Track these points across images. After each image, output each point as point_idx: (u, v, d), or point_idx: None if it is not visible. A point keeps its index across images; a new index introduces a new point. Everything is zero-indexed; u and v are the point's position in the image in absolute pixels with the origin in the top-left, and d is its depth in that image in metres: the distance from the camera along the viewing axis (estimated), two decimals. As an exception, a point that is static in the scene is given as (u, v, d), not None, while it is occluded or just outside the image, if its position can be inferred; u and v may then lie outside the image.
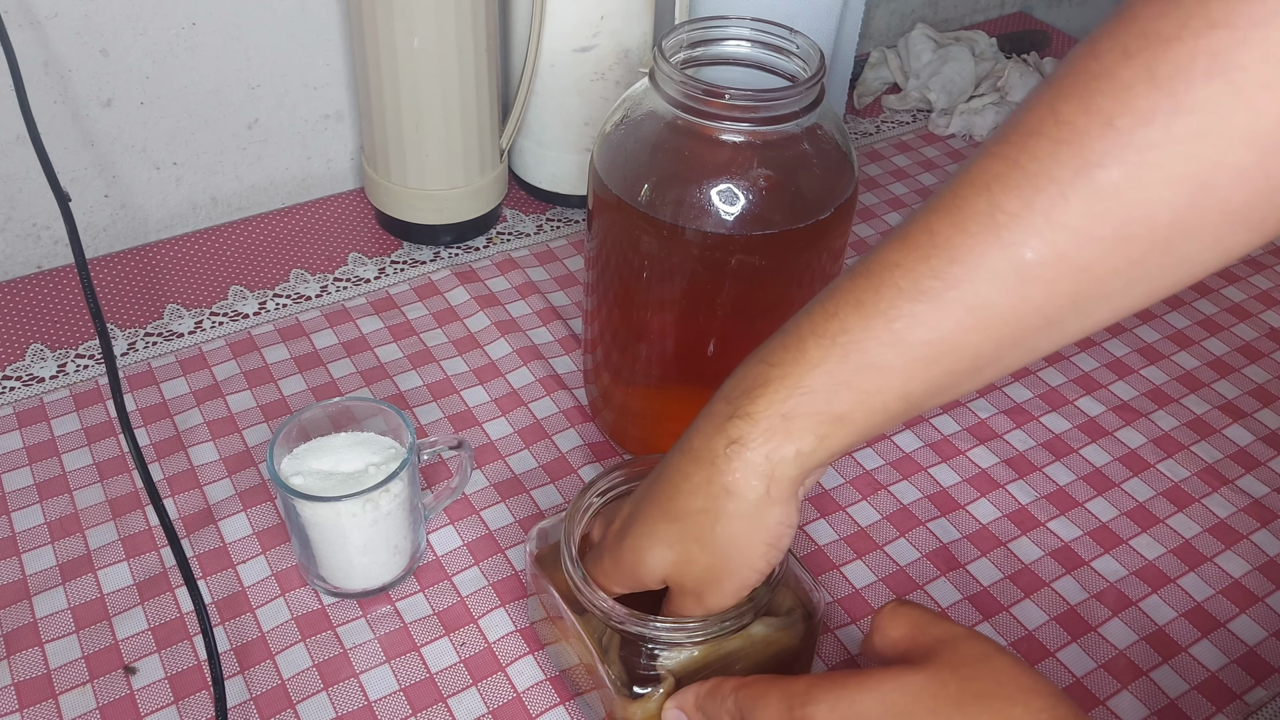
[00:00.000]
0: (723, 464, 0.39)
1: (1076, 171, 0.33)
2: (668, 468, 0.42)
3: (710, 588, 0.42)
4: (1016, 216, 0.34)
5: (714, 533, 0.41)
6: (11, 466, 0.62)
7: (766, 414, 0.38)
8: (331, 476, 0.53)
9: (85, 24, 0.69)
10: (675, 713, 0.44)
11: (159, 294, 0.74)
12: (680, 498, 0.41)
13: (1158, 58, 0.32)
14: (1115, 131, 0.32)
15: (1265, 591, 0.59)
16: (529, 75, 0.76)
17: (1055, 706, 0.35)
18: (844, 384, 0.37)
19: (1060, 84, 0.34)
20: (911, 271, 0.36)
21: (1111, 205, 0.33)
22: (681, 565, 0.42)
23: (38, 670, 0.52)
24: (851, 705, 0.37)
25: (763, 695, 0.40)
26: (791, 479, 0.39)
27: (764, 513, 0.40)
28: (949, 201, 0.36)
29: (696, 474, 0.40)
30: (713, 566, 0.42)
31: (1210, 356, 0.75)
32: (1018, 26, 1.13)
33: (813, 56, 0.51)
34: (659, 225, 0.52)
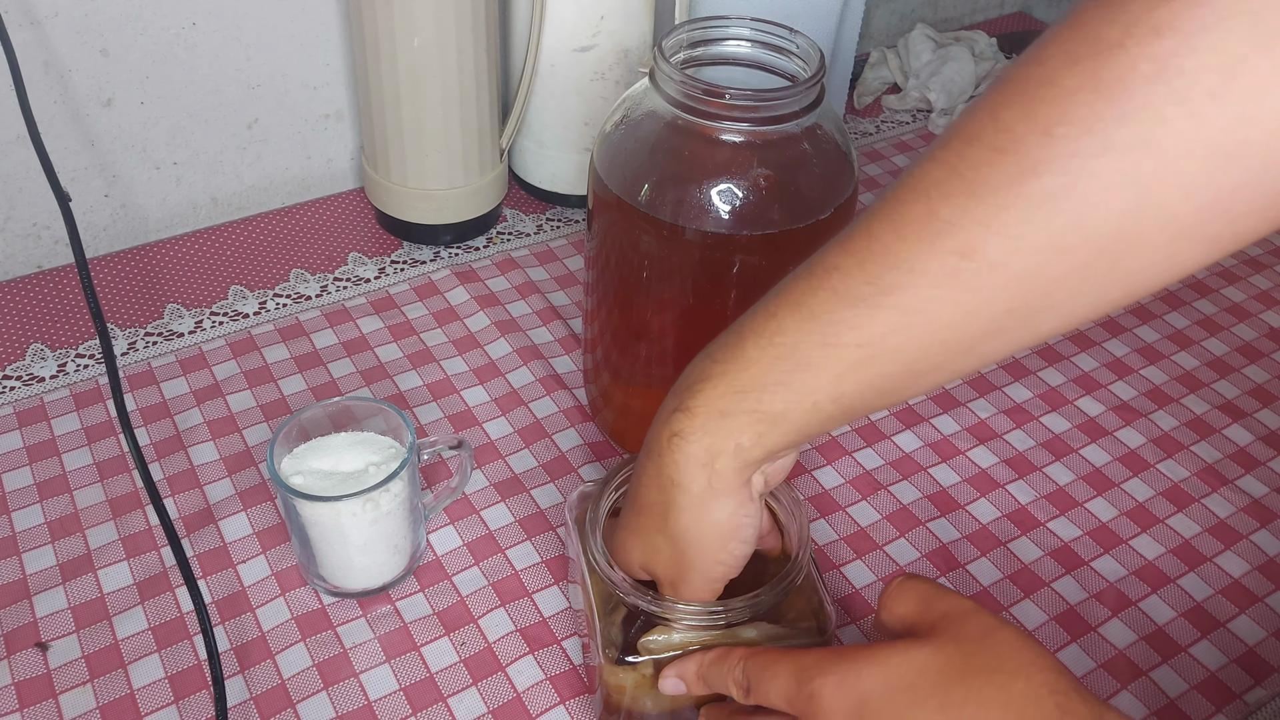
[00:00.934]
0: (667, 456, 0.40)
1: (1014, 180, 0.32)
2: (638, 460, 0.44)
3: (679, 578, 0.43)
4: (952, 223, 0.34)
5: (668, 524, 0.42)
6: (12, 466, 0.62)
7: (704, 409, 0.39)
8: (331, 476, 0.53)
9: (85, 24, 0.69)
10: (674, 681, 0.45)
11: (159, 294, 0.74)
12: (640, 489, 0.43)
13: (1101, 64, 0.31)
14: (1054, 139, 0.32)
15: (1265, 591, 0.59)
16: (529, 75, 0.76)
17: (1056, 680, 0.36)
18: (777, 383, 0.38)
19: (1004, 90, 0.33)
20: (848, 275, 0.36)
21: (1049, 214, 0.32)
22: (650, 555, 0.44)
23: (38, 670, 0.52)
24: (859, 679, 0.37)
25: (771, 665, 0.41)
26: (733, 471, 0.40)
27: (710, 504, 0.41)
28: (889, 206, 0.36)
29: (649, 466, 0.42)
30: (674, 557, 0.43)
31: (1210, 356, 0.75)
32: (1017, 26, 1.13)
33: (813, 56, 0.51)
34: (659, 225, 0.52)
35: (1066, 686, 0.36)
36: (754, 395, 0.38)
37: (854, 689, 0.37)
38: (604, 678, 0.47)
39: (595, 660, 0.48)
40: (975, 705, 0.36)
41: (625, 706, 0.48)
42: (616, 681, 0.46)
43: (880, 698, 0.37)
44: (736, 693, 0.42)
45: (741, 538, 0.42)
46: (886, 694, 0.37)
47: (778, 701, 0.40)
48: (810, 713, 0.39)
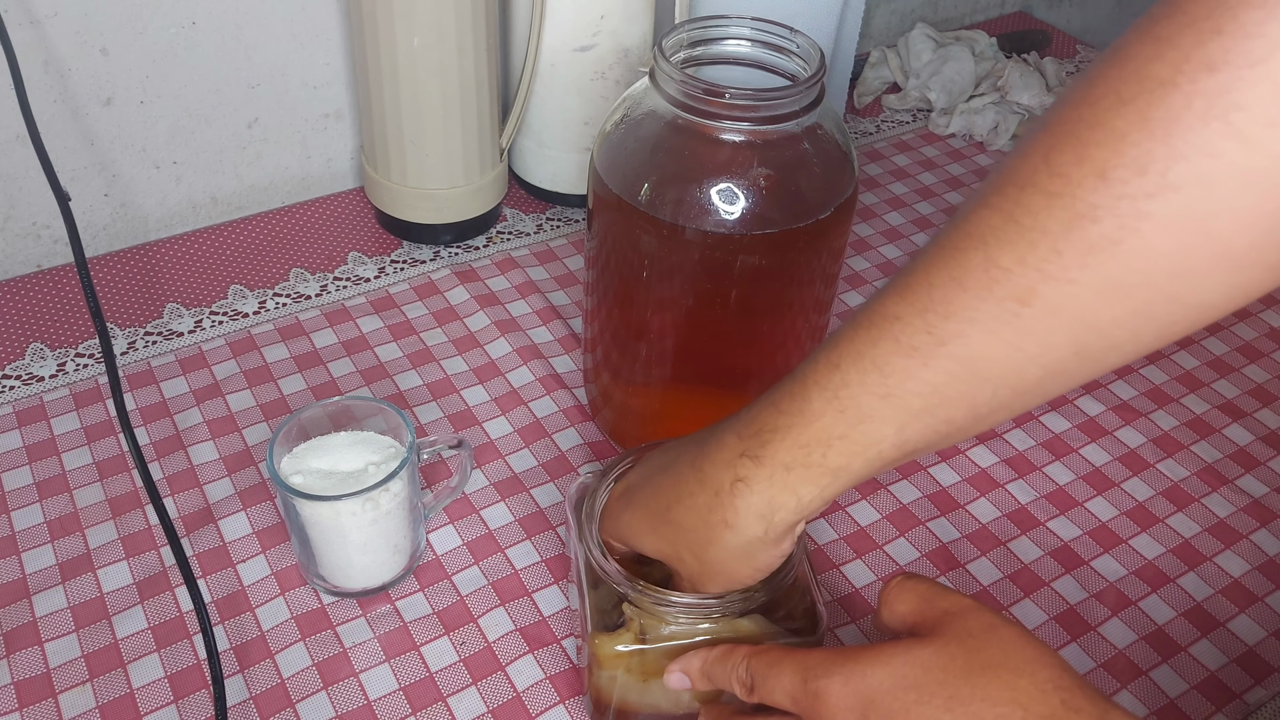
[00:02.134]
0: (726, 498, 0.41)
1: (1069, 225, 0.33)
2: (678, 473, 0.43)
3: (700, 582, 0.44)
4: (1010, 271, 0.34)
5: (705, 552, 0.42)
6: (11, 465, 0.62)
7: (771, 461, 0.40)
8: (331, 476, 0.53)
9: (85, 23, 0.69)
10: (679, 675, 0.45)
11: (159, 293, 0.74)
12: (680, 509, 0.43)
13: (1152, 104, 0.31)
14: (1108, 183, 0.32)
15: (1265, 591, 0.59)
16: (529, 75, 0.76)
17: (1060, 676, 0.36)
18: (841, 436, 0.38)
19: (1054, 132, 0.34)
20: (908, 325, 0.36)
21: (1106, 258, 0.32)
22: (673, 560, 0.44)
23: (37, 669, 0.52)
24: (864, 678, 0.38)
25: (776, 664, 0.41)
26: (788, 525, 0.41)
27: (756, 549, 0.42)
28: (948, 253, 0.36)
29: (700, 495, 0.42)
30: (701, 572, 0.43)
31: (1210, 356, 0.75)
32: (1018, 26, 1.13)
33: (813, 56, 0.51)
34: (659, 225, 0.52)
35: (1071, 683, 0.36)
36: (819, 450, 0.39)
37: (860, 687, 0.38)
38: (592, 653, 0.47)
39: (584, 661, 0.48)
40: (981, 701, 0.36)
41: (614, 704, 0.48)
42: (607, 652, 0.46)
43: (886, 695, 0.37)
44: (740, 690, 0.42)
45: (771, 569, 0.43)
46: (892, 692, 0.37)
47: (782, 700, 0.40)
48: (815, 711, 0.39)
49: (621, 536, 0.46)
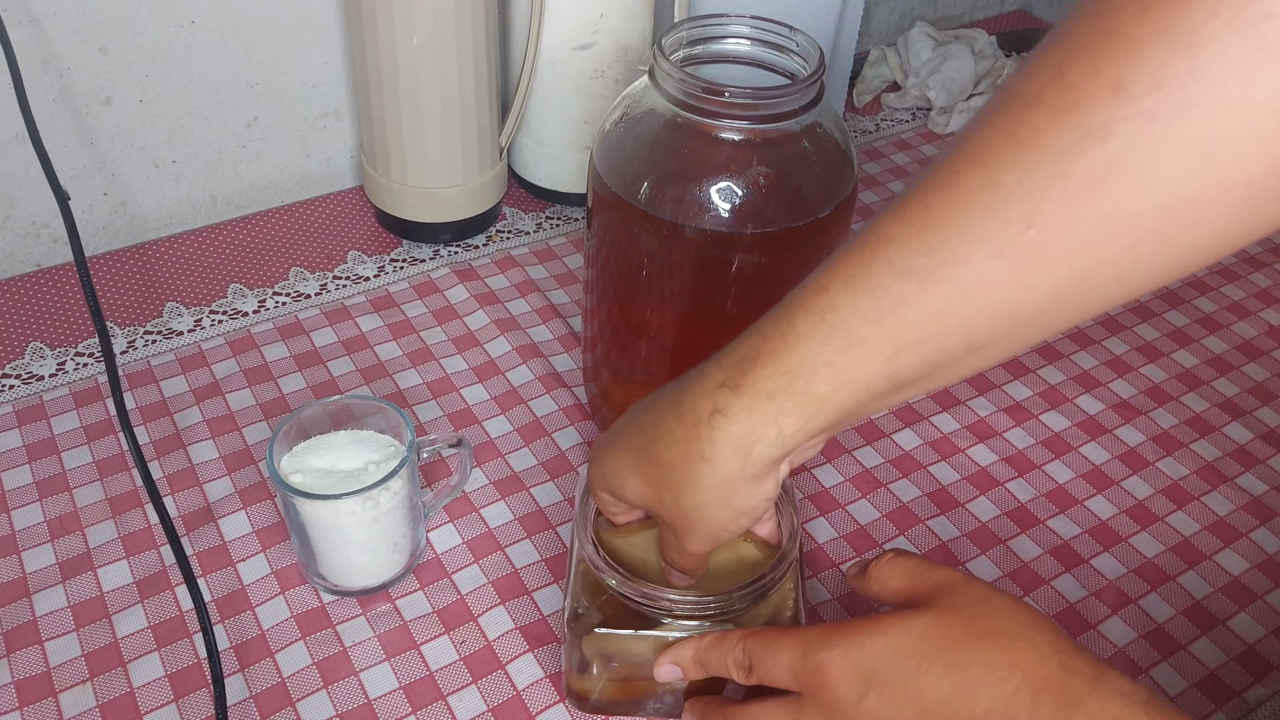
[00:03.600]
0: (704, 430, 0.39)
1: (1077, 143, 0.31)
2: (659, 409, 0.42)
3: (681, 531, 0.42)
4: (1012, 191, 0.32)
5: (684, 492, 0.40)
6: (11, 465, 0.62)
7: (752, 389, 0.38)
8: (331, 474, 0.53)
9: (84, 22, 0.69)
10: (670, 667, 0.45)
11: (158, 292, 0.74)
12: (660, 445, 0.41)
13: (1174, 11, 0.29)
14: (1121, 98, 0.30)
15: (1264, 589, 0.59)
16: (528, 73, 0.76)
17: (1055, 640, 0.37)
18: (827, 363, 0.36)
19: (1068, 43, 0.31)
20: (904, 246, 0.34)
21: (1114, 180, 0.31)
22: (654, 503, 0.43)
23: (38, 668, 0.52)
24: (863, 649, 0.38)
25: (774, 642, 0.41)
26: (769, 459, 0.39)
27: (736, 487, 0.40)
28: (945, 175, 0.34)
29: (679, 430, 0.40)
30: (679, 517, 0.42)
31: (1209, 354, 0.75)
32: (1017, 25, 1.13)
33: (812, 54, 0.51)
34: (658, 223, 0.52)
35: (1067, 646, 0.37)
36: (803, 378, 0.37)
37: (860, 658, 0.38)
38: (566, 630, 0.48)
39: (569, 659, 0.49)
40: (980, 666, 0.36)
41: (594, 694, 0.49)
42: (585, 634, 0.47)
43: (886, 665, 0.37)
44: (737, 673, 0.42)
45: (754, 515, 0.41)
46: (892, 661, 0.37)
47: (782, 677, 0.40)
48: (816, 684, 0.39)
49: (606, 481, 0.44)
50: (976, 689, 0.36)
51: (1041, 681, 0.35)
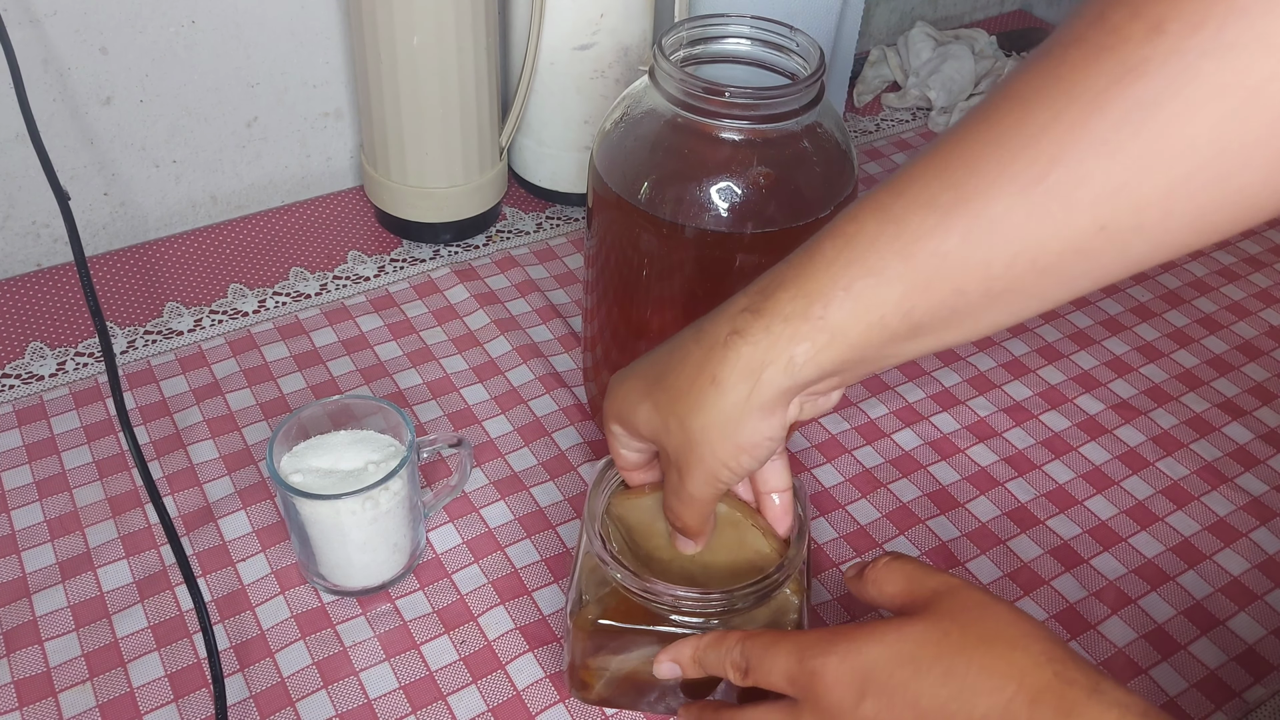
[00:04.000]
0: (718, 352, 0.39)
1: (1115, 80, 0.30)
2: (680, 338, 0.41)
3: (683, 466, 0.42)
4: (1044, 128, 0.32)
5: (691, 416, 0.40)
6: (11, 464, 0.62)
7: (770, 312, 0.37)
8: (331, 474, 0.53)
9: (84, 22, 0.69)
10: (669, 665, 0.45)
11: (158, 292, 0.74)
12: (674, 370, 0.41)
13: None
14: (1162, 36, 0.29)
15: (1264, 589, 0.59)
16: (528, 73, 0.76)
17: (1052, 649, 0.37)
18: (845, 289, 0.36)
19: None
20: (933, 182, 0.34)
21: (1148, 118, 0.30)
22: (660, 433, 0.42)
23: (37, 668, 0.52)
24: (860, 654, 0.38)
25: (772, 646, 0.41)
26: (778, 390, 0.38)
27: (741, 416, 0.39)
28: (981, 113, 0.34)
29: (695, 353, 0.40)
30: (683, 445, 0.41)
31: (1209, 354, 0.75)
32: (1017, 24, 1.13)
33: (812, 54, 0.51)
34: (659, 223, 0.52)
35: (1063, 655, 0.37)
36: (820, 303, 0.36)
37: (856, 664, 0.38)
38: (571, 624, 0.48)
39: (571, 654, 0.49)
40: (978, 673, 0.36)
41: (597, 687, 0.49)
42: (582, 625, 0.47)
43: (883, 670, 0.37)
44: (734, 674, 0.42)
45: (756, 455, 0.40)
46: (889, 667, 0.37)
47: (778, 681, 0.40)
48: (813, 689, 0.39)
49: (618, 410, 0.44)
50: (974, 695, 0.36)
51: (1038, 689, 0.35)
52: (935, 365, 0.72)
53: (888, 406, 0.69)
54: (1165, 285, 0.80)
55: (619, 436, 0.45)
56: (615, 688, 0.50)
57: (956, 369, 0.72)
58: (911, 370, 0.71)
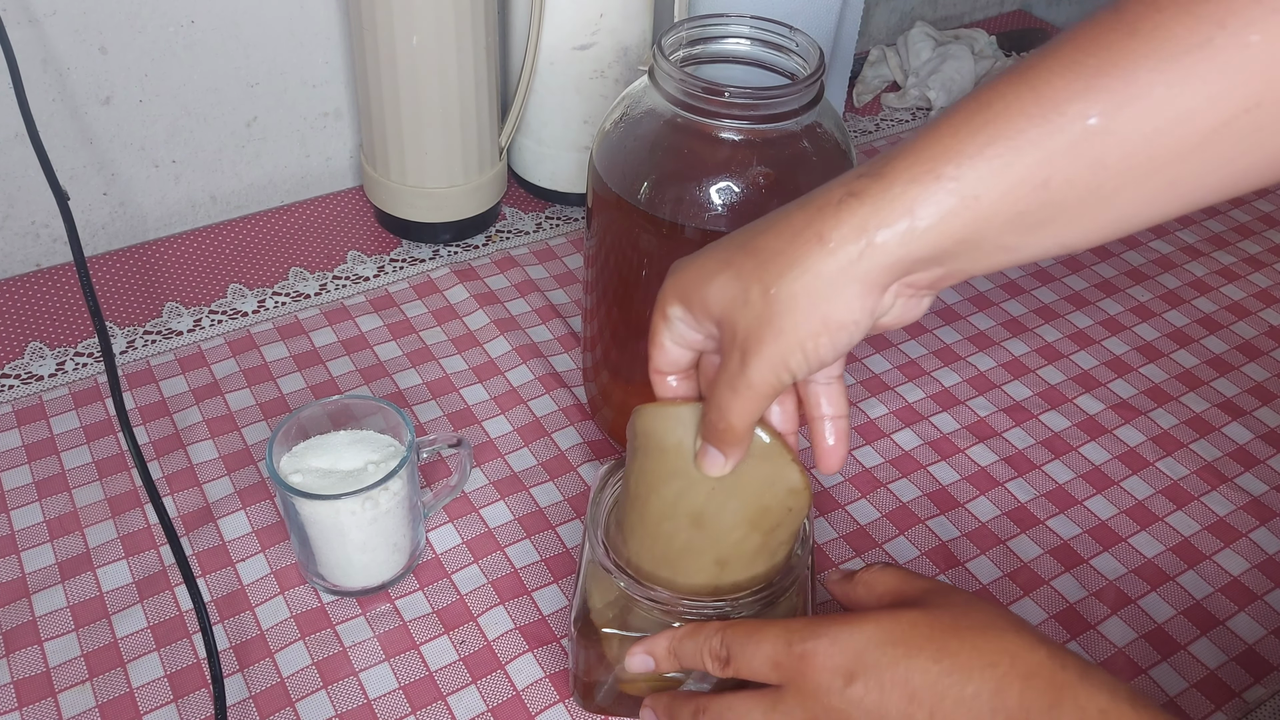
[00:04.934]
0: (830, 211, 0.36)
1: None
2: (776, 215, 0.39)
3: (751, 346, 0.38)
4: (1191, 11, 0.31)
5: (781, 280, 0.36)
6: (10, 464, 0.62)
7: (893, 173, 0.35)
8: (330, 474, 0.53)
9: (84, 21, 0.69)
10: (642, 658, 0.44)
11: (158, 292, 0.74)
12: (768, 235, 0.38)
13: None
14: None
15: (1264, 589, 0.59)
16: (528, 73, 0.76)
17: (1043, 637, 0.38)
18: (978, 152, 0.34)
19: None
20: (1078, 49, 0.33)
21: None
22: (734, 305, 0.38)
23: (37, 668, 0.52)
24: (852, 637, 0.38)
25: (756, 632, 0.40)
26: (889, 259, 0.35)
27: (841, 284, 0.36)
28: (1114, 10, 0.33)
29: (797, 215, 0.37)
30: (762, 318, 0.37)
31: (1209, 354, 0.75)
32: (1017, 25, 1.13)
33: (812, 54, 0.51)
34: (658, 223, 0.52)
35: (1053, 643, 0.37)
36: (952, 165, 0.34)
37: (847, 645, 0.38)
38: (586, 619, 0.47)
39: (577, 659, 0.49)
40: (970, 652, 0.37)
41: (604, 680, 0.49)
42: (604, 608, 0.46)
43: (874, 650, 0.38)
44: (713, 665, 0.41)
45: (836, 341, 0.37)
46: (880, 646, 0.38)
47: (762, 667, 0.40)
48: (800, 671, 0.39)
49: (683, 287, 0.40)
50: (966, 672, 0.36)
51: (1031, 667, 0.36)
52: (935, 365, 0.72)
53: (888, 406, 0.69)
54: (1165, 285, 0.80)
55: (675, 321, 0.41)
56: (619, 696, 0.50)
57: (956, 369, 0.72)
58: (911, 370, 0.71)
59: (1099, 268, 0.81)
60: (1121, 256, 0.83)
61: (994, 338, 0.74)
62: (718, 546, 0.43)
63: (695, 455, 0.42)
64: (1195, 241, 0.85)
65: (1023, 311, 0.77)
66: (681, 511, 0.43)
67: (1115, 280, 0.81)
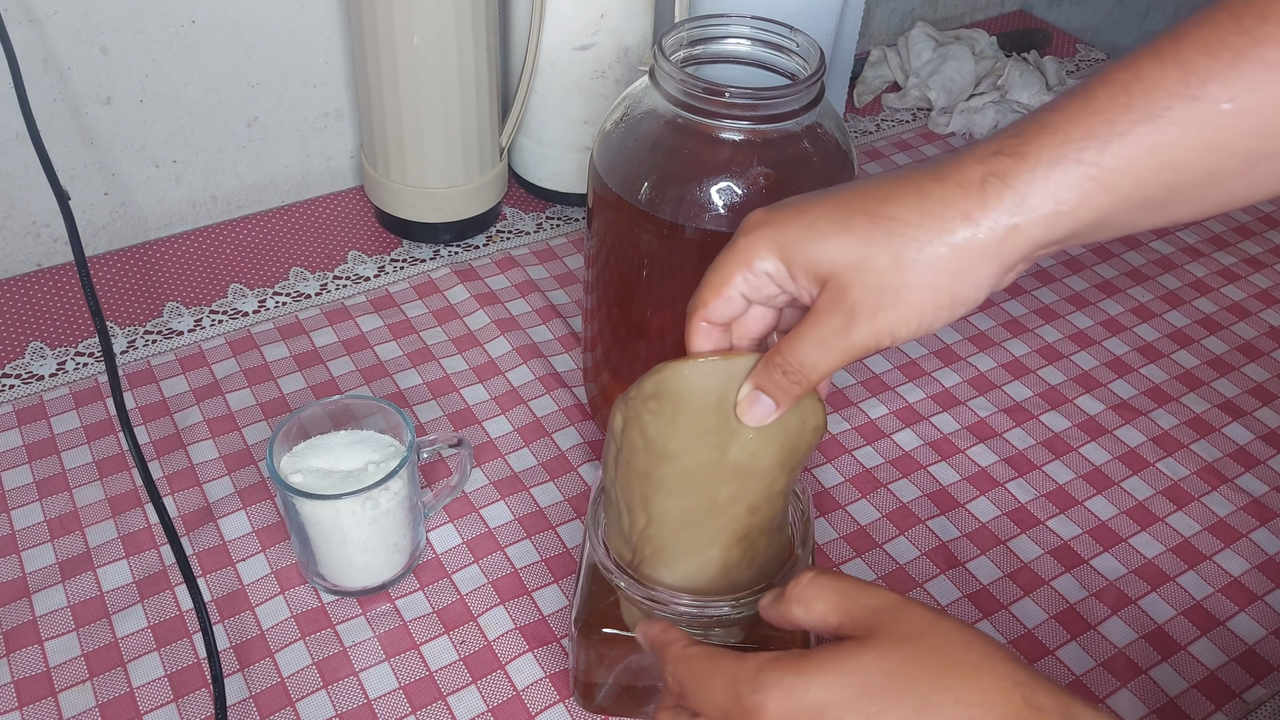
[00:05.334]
0: (973, 191, 0.35)
1: None
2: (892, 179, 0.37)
3: (864, 310, 0.37)
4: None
5: (918, 251, 0.36)
6: (11, 464, 0.62)
7: (1035, 156, 0.35)
8: (331, 474, 0.53)
9: (85, 21, 0.69)
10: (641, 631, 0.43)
11: (158, 292, 0.74)
12: (898, 204, 0.36)
13: None
14: None
15: (1264, 590, 0.59)
16: (529, 73, 0.76)
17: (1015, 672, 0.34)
18: (1122, 135, 0.34)
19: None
20: (1219, 27, 0.33)
21: None
22: (856, 268, 0.37)
23: (37, 668, 0.52)
24: (808, 689, 0.34)
25: (705, 677, 0.37)
26: (1030, 242, 0.35)
27: (979, 263, 0.36)
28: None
29: (933, 189, 0.36)
30: (884, 286, 0.36)
31: (1209, 355, 0.75)
32: (1018, 25, 1.13)
33: (813, 55, 0.51)
34: (659, 223, 0.52)
35: (1027, 678, 0.34)
36: (1095, 146, 0.34)
37: (805, 701, 0.34)
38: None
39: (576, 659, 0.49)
40: (954, 704, 0.33)
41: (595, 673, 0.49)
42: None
43: (840, 706, 0.34)
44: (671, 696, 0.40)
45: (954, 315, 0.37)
46: (848, 702, 0.34)
47: (713, 716, 0.37)
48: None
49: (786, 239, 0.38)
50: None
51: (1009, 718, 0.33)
52: (936, 366, 0.72)
53: (888, 407, 0.69)
54: (1166, 286, 0.80)
55: (760, 274, 0.39)
56: (619, 696, 0.50)
57: (957, 369, 0.72)
58: (912, 370, 0.71)
59: (1099, 268, 0.82)
60: (1122, 257, 0.83)
61: (994, 338, 0.74)
62: (751, 494, 0.42)
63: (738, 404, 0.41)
64: (1196, 242, 0.85)
65: (1023, 312, 0.77)
66: (725, 463, 0.42)
67: (1116, 280, 0.81)
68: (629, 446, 0.43)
